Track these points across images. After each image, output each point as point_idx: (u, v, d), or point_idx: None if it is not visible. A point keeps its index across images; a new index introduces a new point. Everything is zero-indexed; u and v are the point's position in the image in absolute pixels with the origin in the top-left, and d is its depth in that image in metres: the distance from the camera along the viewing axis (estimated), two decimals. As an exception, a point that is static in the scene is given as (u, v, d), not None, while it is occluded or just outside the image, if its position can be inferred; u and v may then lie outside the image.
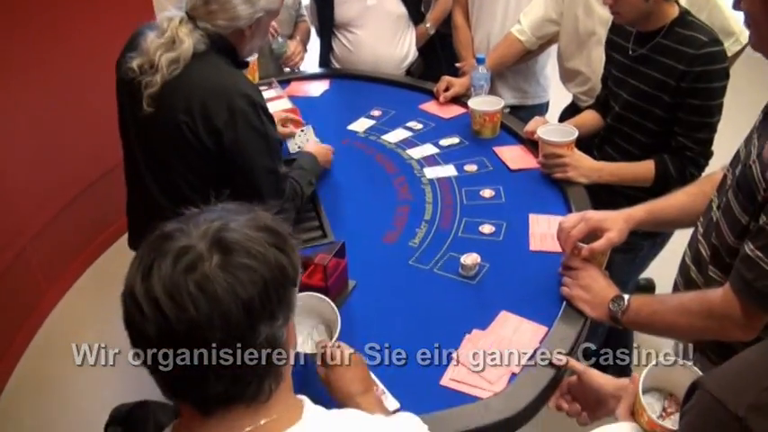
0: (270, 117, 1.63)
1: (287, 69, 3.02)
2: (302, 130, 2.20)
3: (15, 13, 2.66)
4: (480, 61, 2.41)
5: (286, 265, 0.81)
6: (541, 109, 2.97)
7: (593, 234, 1.51)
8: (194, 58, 1.55)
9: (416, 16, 3.00)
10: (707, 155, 1.89)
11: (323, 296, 1.38)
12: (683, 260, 1.45)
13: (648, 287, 2.91)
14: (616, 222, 1.50)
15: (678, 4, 1.87)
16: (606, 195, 1.98)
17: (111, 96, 1.71)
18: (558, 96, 2.80)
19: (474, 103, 2.29)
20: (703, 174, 1.88)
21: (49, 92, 2.85)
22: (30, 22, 2.73)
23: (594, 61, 2.36)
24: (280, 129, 2.08)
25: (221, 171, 1.61)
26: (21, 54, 2.71)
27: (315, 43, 3.16)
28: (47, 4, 2.80)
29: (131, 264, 0.79)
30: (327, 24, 2.96)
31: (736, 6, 1.20)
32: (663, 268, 2.08)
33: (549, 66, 2.87)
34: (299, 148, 2.15)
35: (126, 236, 1.89)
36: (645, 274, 2.58)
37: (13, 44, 2.66)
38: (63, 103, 2.93)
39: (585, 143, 2.12)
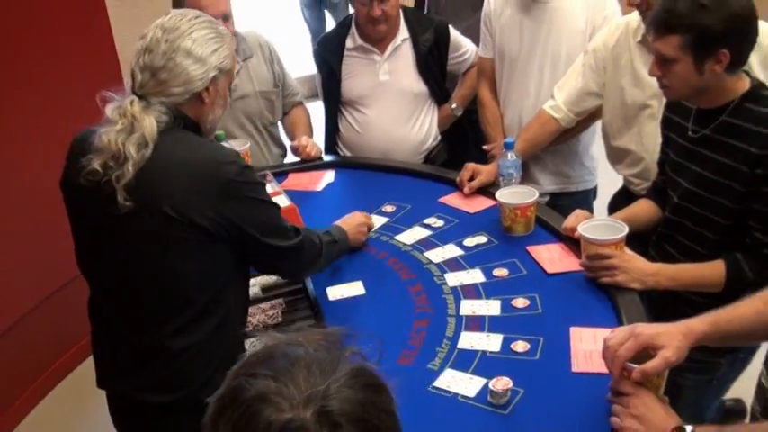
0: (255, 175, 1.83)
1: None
2: None
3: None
4: (509, 146, 2.52)
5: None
6: (588, 195, 3.07)
7: (647, 352, 1.54)
8: (162, 135, 1.68)
9: (440, 95, 3.15)
10: None
11: None
12: (759, 381, 1.47)
13: (738, 411, 2.86)
14: (673, 338, 1.53)
15: (749, 75, 1.96)
16: (669, 304, 2.02)
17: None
18: (609, 180, 2.88)
19: (502, 195, 2.37)
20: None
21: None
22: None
23: (647, 138, 2.47)
24: None
25: (221, 251, 1.74)
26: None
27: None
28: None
29: (212, 421, 0.86)
30: (333, 101, 3.13)
31: None
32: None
33: (595, 144, 2.98)
34: None
35: (85, 365, 1.95)
36: (733, 393, 2.54)
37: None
38: (9, 212, 3.07)
39: (640, 240, 2.18)
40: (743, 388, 2.19)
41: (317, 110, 3.30)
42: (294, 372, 0.86)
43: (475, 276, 2.18)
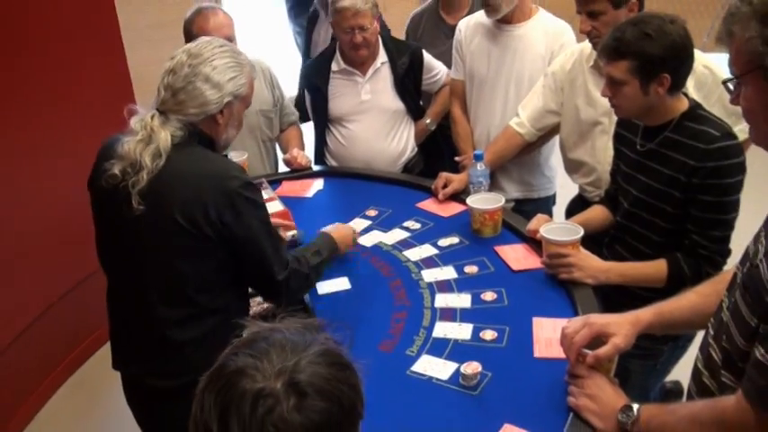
0: (259, 192, 1.81)
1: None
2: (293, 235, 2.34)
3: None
4: (478, 157, 2.54)
5: (356, 403, 0.93)
6: (548, 201, 3.09)
7: (599, 340, 1.57)
8: (176, 149, 1.68)
9: (416, 111, 3.16)
10: (724, 253, 1.96)
11: None
12: (696, 365, 1.49)
13: (677, 391, 2.91)
14: (622, 327, 1.56)
15: (687, 96, 2.00)
16: (618, 297, 2.04)
17: (84, 206, 1.84)
18: (566, 187, 2.92)
19: (473, 200, 2.40)
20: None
21: (19, 201, 2.99)
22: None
23: (599, 151, 2.50)
24: None
25: (224, 258, 1.74)
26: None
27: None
28: (19, 110, 3.00)
29: (201, 393, 0.91)
30: (321, 118, 3.13)
31: (734, 102, 1.31)
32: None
33: (554, 156, 3.01)
34: None
35: (101, 352, 1.95)
36: (673, 376, 2.58)
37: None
38: (35, 214, 3.06)
39: (594, 241, 2.21)
40: (682, 372, 2.23)
41: (306, 126, 3.31)
42: (270, 351, 0.92)
43: (448, 273, 2.19)
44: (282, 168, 3.16)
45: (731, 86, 1.29)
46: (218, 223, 1.68)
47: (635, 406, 1.45)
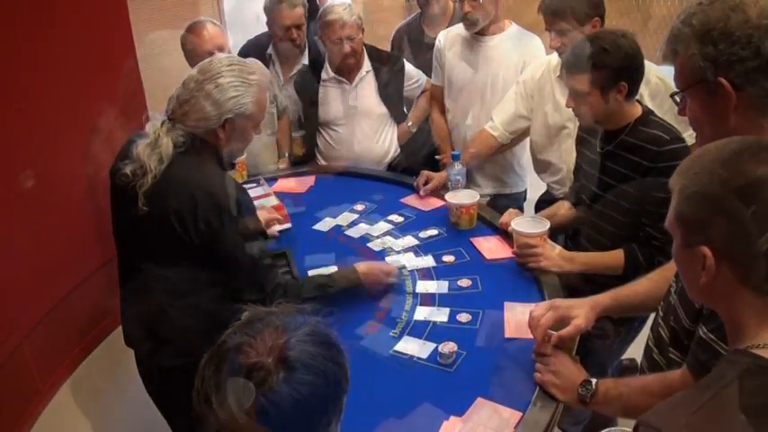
0: (241, 213, 1.76)
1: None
2: None
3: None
4: (456, 157, 2.57)
5: (341, 378, 0.97)
6: (519, 197, 3.11)
7: (563, 321, 1.61)
8: (181, 156, 1.68)
9: (398, 115, 3.18)
10: None
11: None
12: (647, 343, 1.53)
13: (632, 368, 2.95)
14: (583, 309, 1.60)
15: (641, 103, 2.03)
16: (581, 283, 2.07)
17: (102, 192, 1.85)
18: (535, 185, 2.95)
19: (451, 196, 2.42)
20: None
21: (39, 187, 2.98)
22: (21, 123, 2.91)
23: (565, 153, 2.52)
24: (264, 215, 2.24)
25: (206, 266, 1.73)
26: (11, 151, 2.86)
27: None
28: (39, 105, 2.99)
29: (202, 368, 0.94)
30: (312, 122, 3.15)
31: (681, 113, 1.34)
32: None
33: (525, 156, 3.03)
34: None
35: (116, 331, 1.96)
36: (628, 354, 2.62)
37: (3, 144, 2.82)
38: (54, 200, 3.06)
39: (560, 233, 2.24)
40: (636, 350, 2.27)
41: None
42: (264, 330, 0.95)
43: (428, 261, 2.21)
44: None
45: (678, 99, 1.32)
46: (203, 235, 1.67)
47: (593, 380, 1.49)
